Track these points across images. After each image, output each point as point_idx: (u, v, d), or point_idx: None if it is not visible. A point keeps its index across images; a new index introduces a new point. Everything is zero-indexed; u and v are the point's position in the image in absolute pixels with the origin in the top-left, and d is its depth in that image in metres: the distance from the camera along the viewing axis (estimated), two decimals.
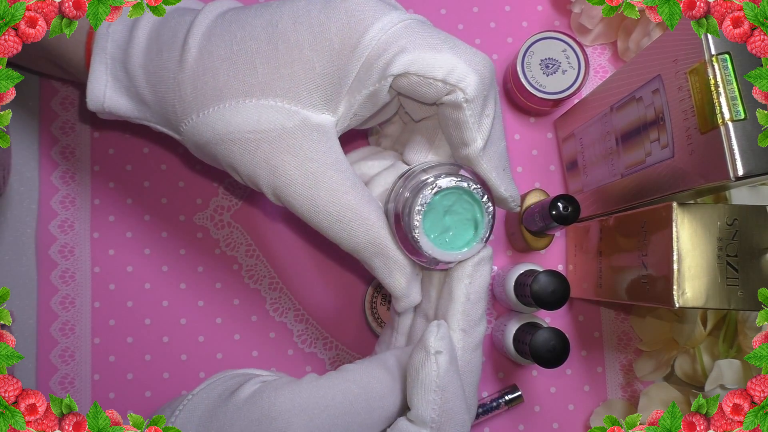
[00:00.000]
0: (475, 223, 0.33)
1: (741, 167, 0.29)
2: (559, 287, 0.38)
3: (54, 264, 0.46)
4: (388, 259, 0.33)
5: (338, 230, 0.33)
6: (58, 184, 0.47)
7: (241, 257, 0.47)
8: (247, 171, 0.33)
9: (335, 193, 0.32)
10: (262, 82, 0.32)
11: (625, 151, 0.39)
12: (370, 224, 0.32)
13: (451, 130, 0.33)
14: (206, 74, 0.32)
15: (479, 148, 0.32)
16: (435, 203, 0.32)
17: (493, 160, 0.33)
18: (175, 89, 0.33)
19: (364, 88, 0.32)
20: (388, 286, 0.34)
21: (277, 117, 0.32)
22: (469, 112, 0.31)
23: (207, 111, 0.33)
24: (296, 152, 0.32)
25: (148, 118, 0.35)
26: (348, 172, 0.33)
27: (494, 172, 0.33)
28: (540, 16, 0.49)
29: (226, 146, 0.33)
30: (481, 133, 0.32)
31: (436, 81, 0.31)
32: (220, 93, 0.32)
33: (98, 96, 0.35)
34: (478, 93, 0.31)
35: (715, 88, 0.30)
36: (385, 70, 0.31)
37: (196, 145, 0.34)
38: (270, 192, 0.33)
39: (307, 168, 0.32)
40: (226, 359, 0.46)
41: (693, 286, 0.33)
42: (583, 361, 0.47)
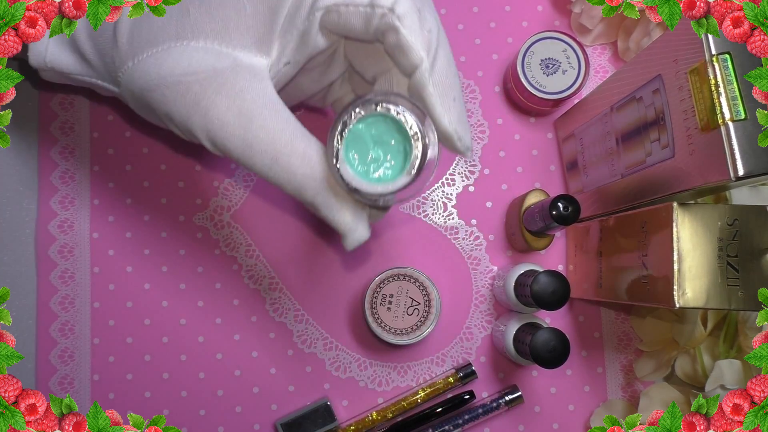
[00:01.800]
0: (405, 155, 0.31)
1: (741, 167, 0.29)
2: (559, 287, 0.38)
3: (54, 264, 0.46)
4: (329, 194, 0.32)
5: (277, 170, 0.31)
6: (57, 184, 0.47)
7: (241, 257, 0.47)
8: (180, 116, 0.32)
9: (269, 131, 0.31)
10: (193, 25, 0.32)
11: (625, 151, 0.39)
12: (308, 159, 0.31)
13: (400, 59, 0.31)
14: (142, 21, 0.32)
15: (426, 67, 0.30)
16: (360, 131, 0.31)
17: (441, 85, 0.31)
18: (112, 39, 0.33)
19: (294, 28, 0.32)
20: (333, 223, 0.33)
21: (207, 58, 0.32)
22: (405, 31, 0.30)
23: (141, 57, 0.32)
24: (228, 92, 0.31)
25: (90, 73, 0.35)
26: (283, 111, 0.32)
27: (439, 99, 0.31)
28: (540, 16, 0.49)
29: (159, 91, 0.32)
30: (425, 49, 0.30)
31: (364, 6, 0.30)
32: (154, 39, 0.32)
33: (40, 51, 0.34)
34: (409, 7, 0.30)
35: (715, 88, 0.30)
36: (313, 4, 0.31)
37: (133, 95, 0.33)
38: (205, 137, 0.32)
39: (240, 108, 0.31)
40: (226, 359, 0.46)
41: (693, 286, 0.33)
42: (583, 361, 0.47)
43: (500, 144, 0.48)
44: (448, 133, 0.32)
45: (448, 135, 0.32)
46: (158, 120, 0.34)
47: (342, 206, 0.32)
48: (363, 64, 0.35)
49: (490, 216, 0.48)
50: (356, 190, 0.31)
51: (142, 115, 0.35)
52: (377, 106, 0.30)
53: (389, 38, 0.31)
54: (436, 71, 0.31)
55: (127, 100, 0.35)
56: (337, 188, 0.32)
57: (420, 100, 0.31)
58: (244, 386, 0.46)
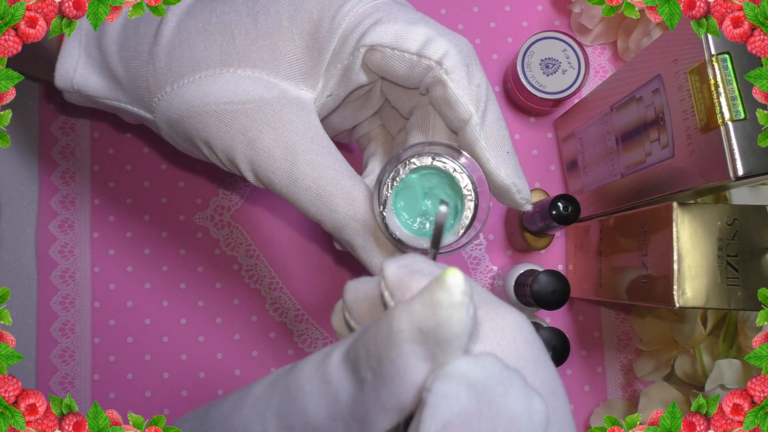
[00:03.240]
0: (456, 212, 0.30)
1: (741, 167, 0.29)
2: (559, 287, 0.38)
3: (54, 264, 0.46)
4: (369, 237, 0.31)
5: (320, 206, 0.31)
6: (58, 184, 0.47)
7: (241, 257, 0.47)
8: (224, 145, 0.31)
9: (316, 166, 0.30)
10: (240, 52, 0.31)
11: (625, 151, 0.39)
12: (353, 199, 0.31)
13: (446, 111, 0.31)
14: (182, 46, 0.31)
15: (476, 122, 0.30)
16: (411, 182, 0.30)
17: (493, 138, 0.31)
18: (150, 62, 0.32)
19: (339, 62, 0.31)
20: (368, 266, 0.32)
21: (255, 88, 0.31)
22: (453, 84, 0.30)
23: (182, 82, 0.31)
24: (275, 124, 0.31)
25: (118, 97, 0.33)
26: (329, 147, 0.31)
27: (493, 152, 0.30)
28: (540, 16, 0.49)
29: (201, 119, 0.31)
30: (474, 104, 0.30)
31: (410, 54, 0.30)
32: (196, 63, 0.31)
33: (68, 71, 0.33)
34: (459, 62, 0.30)
35: (715, 88, 0.30)
36: (359, 41, 0.30)
37: (169, 122, 0.32)
38: (248, 167, 0.31)
39: (287, 141, 0.31)
40: (226, 359, 0.46)
41: (693, 286, 0.33)
42: (583, 361, 0.47)
43: None
44: (506, 186, 0.31)
45: (506, 188, 0.31)
46: (192, 148, 0.33)
47: (380, 252, 0.31)
48: (400, 99, 0.34)
49: (490, 216, 0.48)
50: (399, 241, 0.30)
51: (174, 143, 0.34)
52: (434, 159, 0.29)
53: (436, 91, 0.30)
54: (487, 125, 0.30)
55: (159, 128, 0.33)
56: (378, 233, 0.31)
57: (472, 154, 0.31)
58: (245, 385, 0.46)
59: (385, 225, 0.30)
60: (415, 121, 0.33)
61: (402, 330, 0.18)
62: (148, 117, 0.33)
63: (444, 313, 0.17)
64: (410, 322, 0.18)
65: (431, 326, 0.17)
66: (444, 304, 0.17)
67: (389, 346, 0.18)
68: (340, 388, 0.19)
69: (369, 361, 0.18)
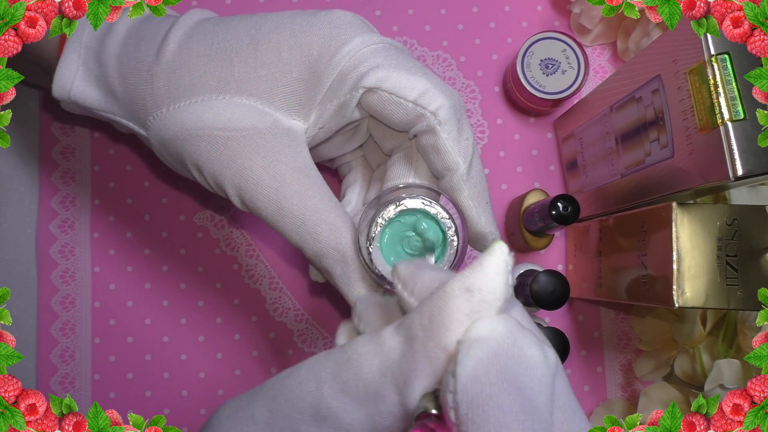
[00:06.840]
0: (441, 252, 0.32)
1: (740, 167, 0.29)
2: (558, 287, 0.38)
3: (54, 264, 0.46)
4: (348, 267, 0.32)
5: (303, 233, 0.32)
6: (58, 184, 0.47)
7: (241, 257, 0.47)
8: (213, 170, 0.32)
9: (302, 196, 0.32)
10: (237, 80, 0.32)
11: (624, 151, 0.39)
12: (336, 228, 0.32)
13: (432, 158, 0.32)
14: (182, 68, 0.32)
15: (463, 172, 0.32)
16: (399, 221, 0.32)
17: (476, 189, 0.33)
18: (148, 81, 0.32)
19: (336, 98, 0.32)
20: (344, 295, 0.33)
21: (249, 116, 0.32)
22: (445, 135, 0.31)
23: (178, 105, 0.32)
24: (265, 153, 0.32)
25: (114, 111, 0.34)
26: (316, 178, 0.33)
27: (475, 202, 0.33)
28: (540, 16, 0.49)
29: (193, 142, 0.32)
30: (463, 156, 0.32)
31: (407, 101, 0.31)
32: (193, 87, 0.32)
33: (65, 83, 0.34)
34: (452, 116, 0.31)
35: (714, 88, 0.30)
36: (358, 81, 0.31)
37: (162, 141, 0.33)
38: (235, 193, 0.32)
39: (275, 170, 0.32)
40: (226, 359, 0.46)
41: (693, 286, 0.33)
42: (582, 360, 0.47)
43: (500, 144, 0.48)
44: (484, 233, 0.34)
45: (483, 235, 0.34)
46: (182, 168, 0.34)
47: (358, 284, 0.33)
48: (384, 137, 0.35)
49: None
50: (381, 276, 0.31)
51: (165, 161, 0.35)
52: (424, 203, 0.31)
53: (426, 138, 0.32)
54: (472, 176, 0.32)
55: (152, 145, 0.34)
56: (357, 264, 0.32)
57: (455, 200, 0.33)
58: (245, 385, 0.46)
59: (370, 260, 0.31)
60: (397, 160, 0.35)
61: (453, 289, 0.21)
62: (141, 133, 0.34)
63: (490, 274, 0.21)
64: (461, 282, 0.21)
65: (478, 285, 0.21)
66: (491, 267, 0.21)
67: (440, 304, 0.21)
68: (392, 349, 0.22)
69: (422, 321, 0.21)
